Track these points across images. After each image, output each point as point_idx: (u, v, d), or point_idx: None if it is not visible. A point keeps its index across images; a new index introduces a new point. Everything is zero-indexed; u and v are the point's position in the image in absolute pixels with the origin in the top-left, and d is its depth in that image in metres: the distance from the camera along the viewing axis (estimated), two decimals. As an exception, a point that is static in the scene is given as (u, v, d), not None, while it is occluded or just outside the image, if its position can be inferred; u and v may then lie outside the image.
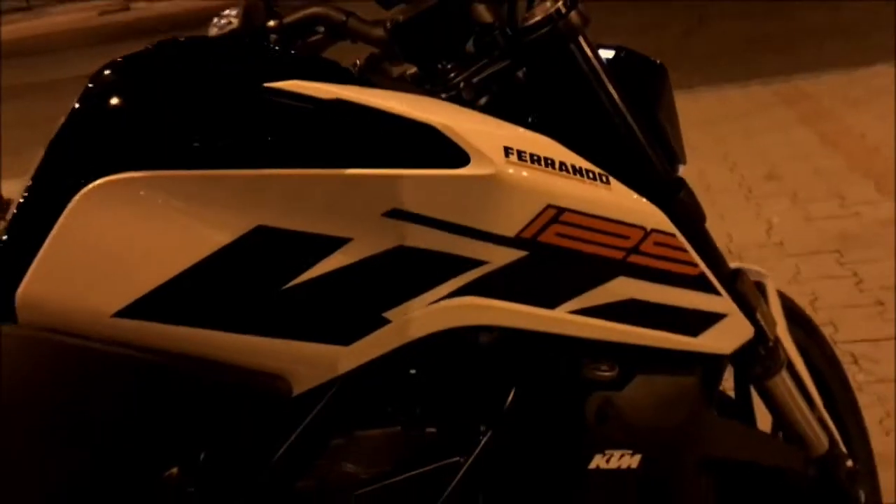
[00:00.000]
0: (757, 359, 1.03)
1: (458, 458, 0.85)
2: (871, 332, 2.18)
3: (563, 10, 0.89)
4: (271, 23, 1.01)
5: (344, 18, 0.98)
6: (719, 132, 3.82)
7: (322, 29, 1.02)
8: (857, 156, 3.40)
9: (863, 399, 1.70)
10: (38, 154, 0.78)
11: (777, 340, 1.04)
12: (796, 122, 3.93)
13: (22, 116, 6.18)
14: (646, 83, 0.98)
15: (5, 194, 4.79)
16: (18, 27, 16.71)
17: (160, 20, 15.36)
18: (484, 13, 0.91)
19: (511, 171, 0.75)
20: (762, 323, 0.99)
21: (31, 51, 12.55)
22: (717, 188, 3.21)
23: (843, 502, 1.16)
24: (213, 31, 1.03)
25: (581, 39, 0.90)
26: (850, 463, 1.17)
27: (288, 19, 1.01)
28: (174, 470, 0.78)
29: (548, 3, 0.89)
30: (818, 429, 1.11)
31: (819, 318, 2.20)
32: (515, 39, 0.90)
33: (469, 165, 0.74)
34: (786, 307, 1.17)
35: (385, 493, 0.84)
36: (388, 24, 0.94)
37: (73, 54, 12.24)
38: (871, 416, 1.78)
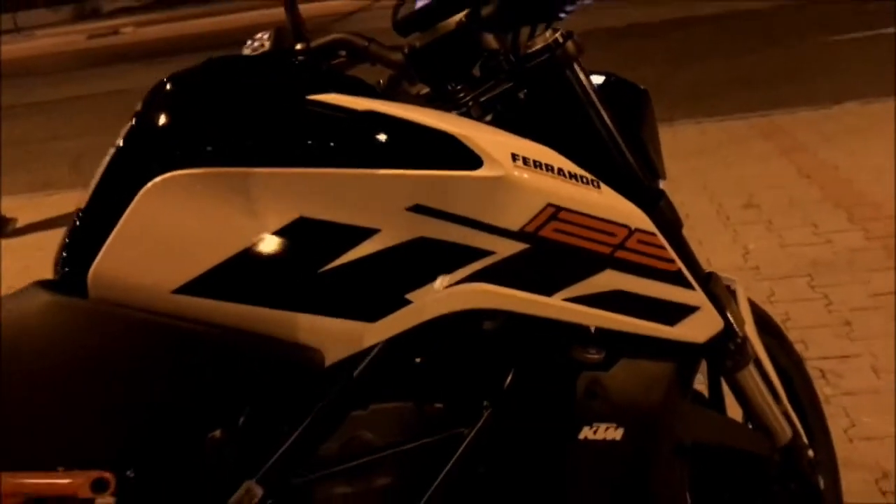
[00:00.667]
0: (727, 353, 1.15)
1: (462, 430, 0.96)
2: (838, 349, 2.31)
3: (561, 41, 1.02)
4: (299, 46, 1.13)
5: (366, 44, 1.10)
6: (699, 163, 3.97)
7: (344, 52, 1.15)
8: (831, 187, 3.56)
9: (829, 410, 1.82)
10: (108, 152, 0.90)
11: (745, 338, 1.16)
12: (773, 154, 4.10)
13: (8, 137, 6.30)
14: (631, 106, 1.11)
15: (4, 210, 4.85)
16: (6, 49, 16.80)
17: (149, 45, 15.51)
18: (491, 41, 1.04)
19: (517, 173, 0.88)
20: (731, 319, 1.11)
21: (19, 72, 12.61)
22: (697, 216, 3.34)
23: (804, 487, 1.28)
24: (246, 52, 1.15)
25: (576, 66, 1.03)
26: (811, 453, 1.29)
27: (315, 43, 1.13)
28: (217, 432, 0.89)
29: (547, 34, 1.03)
30: (782, 420, 1.23)
31: (791, 336, 2.31)
32: (518, 65, 1.03)
33: (482, 168, 0.87)
34: (755, 313, 1.30)
35: (397, 459, 0.95)
36: (406, 50, 1.07)
37: (62, 77, 12.35)
38: (837, 425, 1.91)
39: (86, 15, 27.51)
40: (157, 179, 0.83)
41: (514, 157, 0.89)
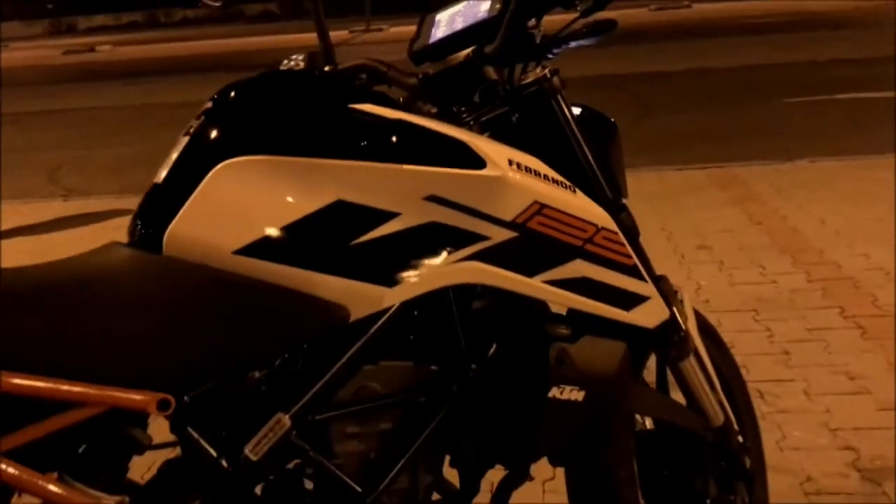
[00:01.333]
0: (672, 344, 1.38)
1: (453, 387, 1.17)
2: (776, 374, 2.55)
3: (549, 76, 1.25)
4: (327, 68, 1.35)
5: (385, 69, 1.32)
6: (658, 206, 4.24)
7: (365, 75, 1.37)
8: (778, 234, 3.84)
9: (764, 425, 2.05)
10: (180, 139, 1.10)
11: (687, 332, 1.39)
12: (727, 203, 4.39)
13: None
14: (603, 133, 1.34)
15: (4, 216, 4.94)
16: (-21, 60, 16.80)
17: (126, 65, 15.66)
18: (492, 73, 1.27)
19: (512, 174, 1.10)
20: (677, 314, 1.34)
21: (-7, 85, 12.62)
22: (654, 254, 3.52)
23: (733, 466, 1.50)
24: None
25: (559, 97, 1.27)
26: (740, 438, 1.52)
27: (342, 66, 1.35)
28: (257, 373, 1.09)
29: (538, 70, 1.26)
30: (717, 406, 1.46)
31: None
32: (513, 93, 1.26)
33: (485, 169, 1.09)
34: (699, 320, 1.52)
35: (397, 408, 1.16)
36: (420, 76, 1.29)
37: (38, 90, 12.45)
38: (770, 437, 2.14)
39: (61, 31, 27.56)
40: (226, 162, 1.04)
41: (511, 161, 1.11)
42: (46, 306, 0.97)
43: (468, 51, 1.25)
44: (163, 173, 1.09)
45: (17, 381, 0.91)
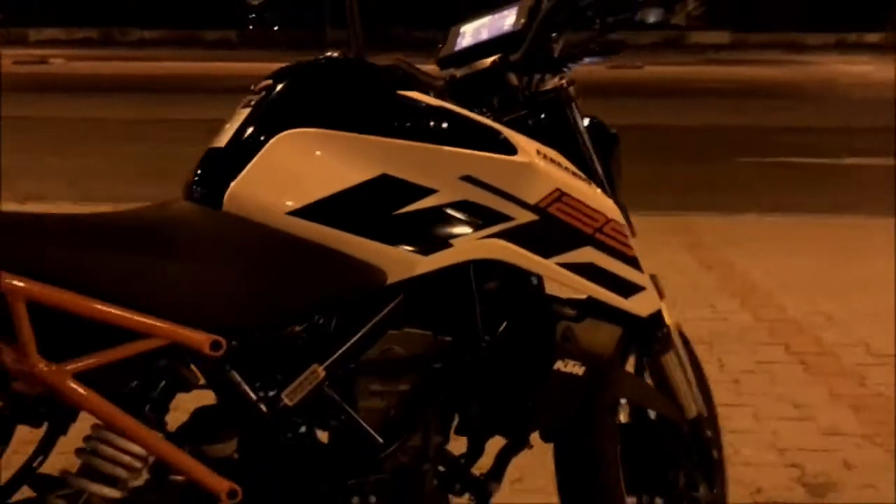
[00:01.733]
0: (656, 339, 1.52)
1: (468, 358, 1.29)
2: (727, 400, 2.70)
3: (566, 85, 1.40)
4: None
5: (415, 71, 1.45)
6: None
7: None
8: (728, 279, 4.06)
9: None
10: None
11: (670, 329, 1.53)
12: (680, 248, 4.61)
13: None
14: (606, 142, 1.49)
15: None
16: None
17: (78, 79, 15.54)
18: (513, 80, 1.41)
19: (538, 162, 1.24)
20: (663, 310, 1.49)
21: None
22: None
23: (703, 457, 1.64)
24: None
25: (574, 105, 1.41)
26: (709, 433, 1.66)
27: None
28: (297, 328, 1.19)
29: (556, 80, 1.41)
30: (691, 400, 1.60)
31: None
32: (532, 98, 1.41)
33: (515, 155, 1.22)
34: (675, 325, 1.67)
35: (416, 372, 1.27)
36: (448, 78, 1.43)
37: (-15, 97, 12.28)
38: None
39: (11, 41, 27.16)
40: (286, 132, 1.15)
41: (538, 151, 1.25)
42: (122, 244, 1.06)
43: (493, 58, 1.39)
44: (223, 139, 1.20)
45: (95, 306, 1.00)
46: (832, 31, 26.91)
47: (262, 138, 1.15)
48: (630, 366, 1.59)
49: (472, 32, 1.48)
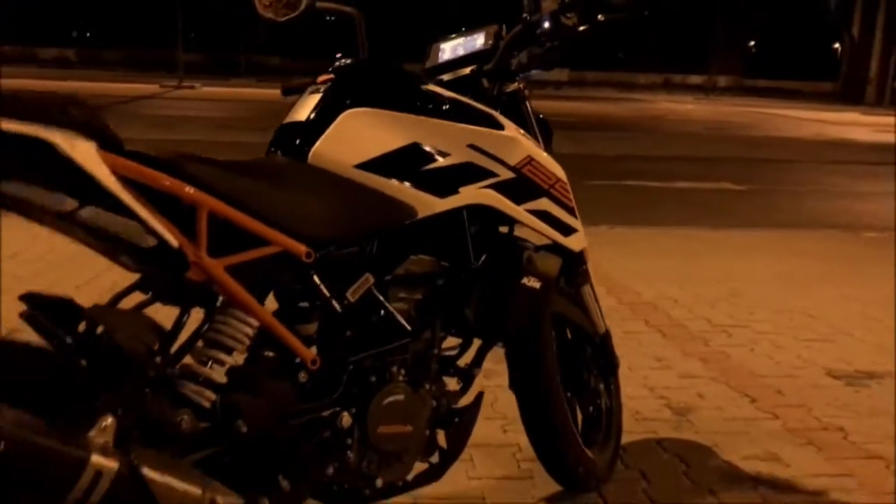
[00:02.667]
0: (579, 272, 2.11)
1: (461, 277, 1.82)
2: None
3: (522, 87, 1.98)
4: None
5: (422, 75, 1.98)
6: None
7: None
8: (593, 274, 4.75)
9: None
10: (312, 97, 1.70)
11: (587, 268, 2.13)
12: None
13: None
14: (544, 130, 2.06)
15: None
16: None
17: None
18: (485, 83, 1.96)
19: (518, 136, 1.80)
20: (586, 252, 2.08)
21: None
22: None
23: (609, 364, 2.24)
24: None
25: (527, 102, 1.99)
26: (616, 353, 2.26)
27: None
28: (356, 248, 1.68)
29: (515, 84, 1.98)
30: (600, 319, 2.20)
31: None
32: (499, 97, 1.96)
33: (504, 131, 1.78)
34: None
35: (426, 285, 1.79)
36: (436, 81, 1.97)
37: None
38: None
39: None
40: (350, 110, 1.65)
41: (518, 130, 1.82)
42: (260, 179, 1.52)
43: (472, 68, 1.95)
44: (302, 115, 1.68)
45: (246, 217, 1.45)
46: (660, 72, 29.33)
47: (333, 114, 1.65)
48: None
49: (450, 49, 2.03)
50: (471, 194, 1.76)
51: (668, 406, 2.88)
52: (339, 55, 1.92)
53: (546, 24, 1.87)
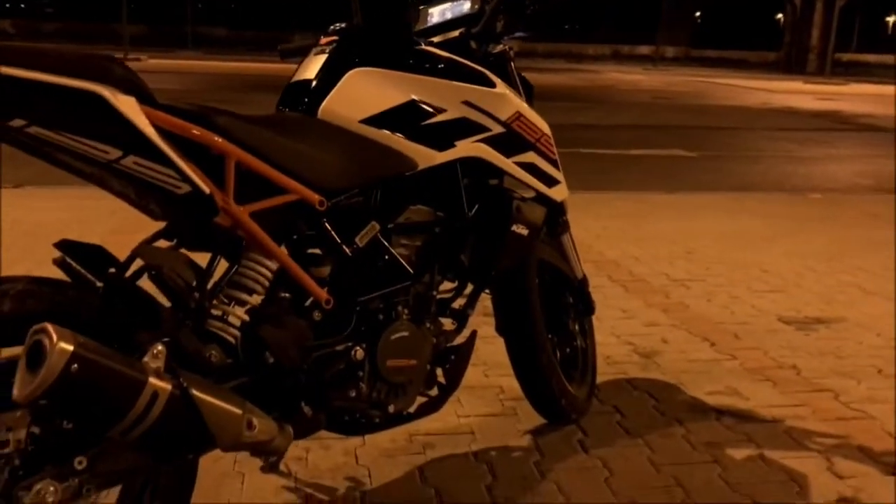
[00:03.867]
0: (560, 222, 2.28)
1: (456, 225, 1.97)
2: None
3: (507, 49, 2.13)
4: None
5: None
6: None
7: None
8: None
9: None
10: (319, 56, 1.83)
11: (567, 218, 2.30)
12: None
13: None
14: (527, 88, 2.22)
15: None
16: None
17: None
18: (473, 45, 2.11)
19: (508, 93, 1.95)
20: (565, 201, 2.25)
21: None
22: None
23: (586, 305, 2.42)
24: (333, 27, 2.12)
25: (512, 62, 2.14)
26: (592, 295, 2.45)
27: None
28: (362, 197, 1.82)
29: (500, 46, 2.13)
30: (578, 266, 2.38)
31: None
32: (486, 57, 2.11)
33: (495, 88, 1.93)
34: None
35: (425, 233, 1.94)
36: (428, 42, 2.11)
37: None
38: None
39: None
40: (355, 70, 1.78)
41: (507, 87, 1.97)
42: (278, 132, 1.64)
43: (461, 30, 2.09)
44: (310, 73, 1.81)
45: (267, 167, 1.58)
46: (608, 43, 29.63)
47: (339, 73, 1.78)
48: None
49: (438, 13, 2.17)
50: (465, 148, 1.91)
51: (636, 351, 3.09)
52: (334, 25, 2.05)
53: None
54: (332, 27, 2.09)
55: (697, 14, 36.83)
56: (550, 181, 2.12)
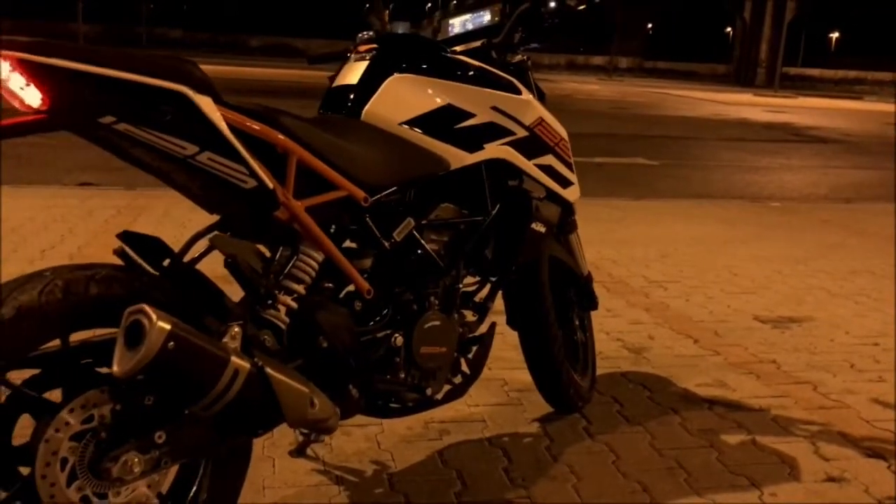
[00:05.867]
0: (568, 222, 2.43)
1: (480, 223, 2.11)
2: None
3: (525, 59, 2.27)
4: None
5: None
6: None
7: None
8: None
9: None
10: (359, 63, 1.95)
11: (575, 218, 2.45)
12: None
13: None
14: (541, 94, 2.37)
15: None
16: None
17: None
18: (493, 54, 2.25)
19: (532, 100, 2.09)
20: (573, 203, 2.39)
21: None
22: None
23: (590, 300, 2.58)
24: (363, 36, 2.24)
25: (530, 71, 2.28)
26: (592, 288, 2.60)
27: None
28: (399, 195, 1.94)
29: (518, 56, 2.27)
30: (584, 263, 2.53)
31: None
32: (506, 66, 2.25)
33: (521, 95, 2.07)
34: None
35: (451, 229, 2.07)
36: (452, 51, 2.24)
37: None
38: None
39: None
40: (395, 76, 1.91)
41: (531, 94, 2.11)
42: (332, 133, 1.76)
43: (483, 41, 2.23)
44: (352, 79, 1.93)
45: (323, 165, 1.70)
46: (563, 53, 30.08)
47: (381, 79, 1.91)
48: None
49: (459, 24, 2.30)
50: (493, 150, 2.04)
51: (625, 347, 3.25)
52: (362, 34, 2.17)
53: (552, 3, 2.17)
54: (360, 35, 2.21)
55: (650, 26, 37.50)
56: (565, 182, 2.26)
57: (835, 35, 60.08)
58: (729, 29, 36.66)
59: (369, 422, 2.38)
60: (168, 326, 1.34)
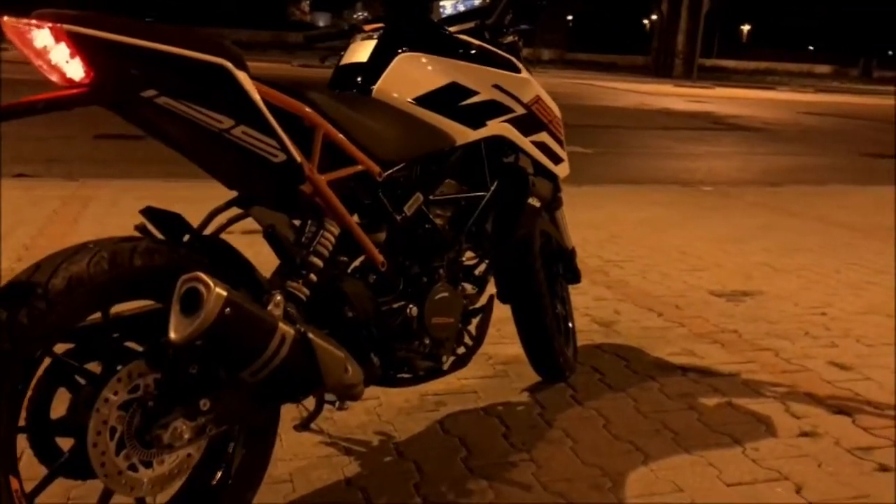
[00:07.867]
0: (556, 199, 2.53)
1: (481, 194, 2.19)
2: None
3: (516, 39, 2.35)
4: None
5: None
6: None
7: None
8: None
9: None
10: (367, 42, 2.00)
11: (562, 194, 2.55)
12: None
13: None
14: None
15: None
16: None
17: None
18: (485, 35, 2.32)
19: (531, 79, 2.18)
20: (560, 183, 2.49)
21: None
22: None
23: (574, 273, 2.68)
24: (359, 16, 2.28)
25: (520, 51, 2.36)
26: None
27: None
28: (408, 171, 2.00)
29: (509, 37, 2.35)
30: (570, 237, 2.63)
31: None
32: (499, 46, 2.33)
33: (520, 74, 2.15)
34: None
35: (455, 205, 2.14)
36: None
37: None
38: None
39: None
40: (403, 54, 1.97)
41: (528, 73, 2.19)
42: (349, 109, 1.80)
43: (475, 22, 2.30)
44: (362, 57, 1.97)
45: (344, 139, 1.75)
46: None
47: (390, 56, 1.96)
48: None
49: (450, 6, 2.37)
50: (494, 127, 2.12)
51: (594, 321, 3.38)
52: (359, 14, 2.21)
53: None
54: (357, 15, 2.26)
55: (570, 18, 38.02)
56: (557, 159, 2.36)
57: (746, 28, 62.18)
58: (647, 21, 37.49)
59: (367, 396, 2.42)
60: (225, 293, 1.38)
